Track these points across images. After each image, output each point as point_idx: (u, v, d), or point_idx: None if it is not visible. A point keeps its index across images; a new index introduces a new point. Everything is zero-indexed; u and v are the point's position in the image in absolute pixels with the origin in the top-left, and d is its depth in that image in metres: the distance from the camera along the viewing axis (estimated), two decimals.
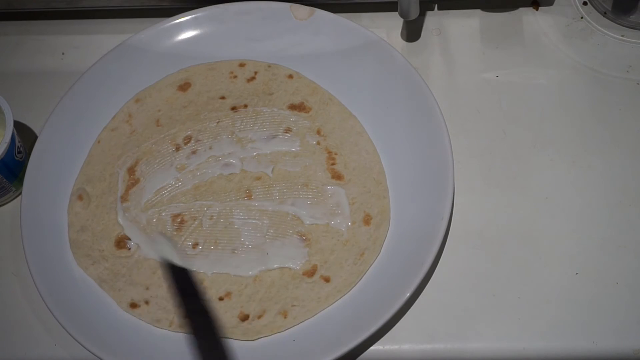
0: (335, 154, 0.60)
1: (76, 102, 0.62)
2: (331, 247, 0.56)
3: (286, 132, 0.61)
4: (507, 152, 0.61)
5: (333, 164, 0.59)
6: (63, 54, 0.70)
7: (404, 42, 0.67)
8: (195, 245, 0.57)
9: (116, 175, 0.60)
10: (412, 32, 0.68)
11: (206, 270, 0.56)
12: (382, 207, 0.57)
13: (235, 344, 0.52)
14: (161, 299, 0.55)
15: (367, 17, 0.69)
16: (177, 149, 0.61)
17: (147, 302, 0.54)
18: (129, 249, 0.57)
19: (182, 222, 0.58)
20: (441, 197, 0.54)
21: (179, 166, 0.60)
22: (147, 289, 0.55)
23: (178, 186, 0.59)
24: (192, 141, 0.61)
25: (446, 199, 0.54)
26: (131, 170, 0.60)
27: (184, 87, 0.64)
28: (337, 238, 0.56)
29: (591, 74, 0.64)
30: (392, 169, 0.58)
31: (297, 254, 0.56)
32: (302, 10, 0.65)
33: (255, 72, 0.64)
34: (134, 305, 0.54)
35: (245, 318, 0.53)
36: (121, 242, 0.57)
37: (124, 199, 0.59)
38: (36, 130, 0.65)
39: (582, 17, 0.68)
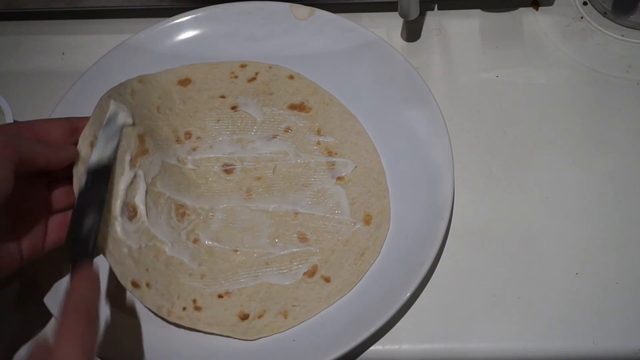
0: (336, 154, 0.60)
1: (76, 102, 0.62)
2: (331, 247, 0.56)
3: (286, 132, 0.61)
4: (507, 152, 0.61)
5: (333, 164, 0.59)
6: (63, 54, 0.70)
7: (404, 42, 0.67)
8: (195, 240, 0.56)
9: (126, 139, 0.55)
10: (412, 32, 0.68)
11: (207, 267, 0.55)
12: (382, 207, 0.57)
13: (235, 344, 0.53)
14: (161, 285, 0.54)
15: (367, 17, 0.69)
16: (178, 141, 0.60)
17: (147, 285, 0.53)
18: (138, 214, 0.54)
19: (184, 214, 0.57)
20: (441, 197, 0.55)
21: (180, 158, 0.60)
22: (147, 270, 0.53)
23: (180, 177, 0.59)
24: (193, 138, 0.61)
25: (446, 199, 0.54)
26: (141, 138, 0.56)
27: (184, 82, 0.63)
28: (337, 238, 0.56)
29: (591, 74, 0.64)
30: (392, 169, 0.58)
31: (298, 254, 0.56)
32: (302, 10, 0.65)
33: (256, 73, 0.64)
34: (135, 285, 0.52)
35: (245, 317, 0.53)
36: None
37: (132, 164, 0.55)
38: None
39: (582, 17, 0.68)
